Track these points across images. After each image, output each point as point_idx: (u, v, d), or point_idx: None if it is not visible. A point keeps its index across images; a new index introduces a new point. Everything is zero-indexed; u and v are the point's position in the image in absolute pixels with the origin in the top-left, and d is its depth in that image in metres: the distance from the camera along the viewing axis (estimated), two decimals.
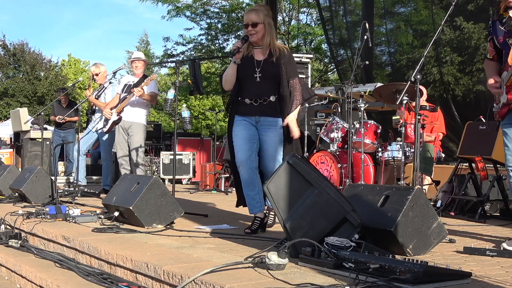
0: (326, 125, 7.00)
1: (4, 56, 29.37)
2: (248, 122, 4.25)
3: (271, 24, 4.26)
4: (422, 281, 2.39)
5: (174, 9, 21.65)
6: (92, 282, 3.34)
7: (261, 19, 4.18)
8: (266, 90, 4.21)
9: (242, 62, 4.21)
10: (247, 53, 4.26)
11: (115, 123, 6.82)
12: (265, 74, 4.20)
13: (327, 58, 22.05)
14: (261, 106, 4.22)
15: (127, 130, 6.83)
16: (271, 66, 4.20)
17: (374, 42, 10.52)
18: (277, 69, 4.19)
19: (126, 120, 6.80)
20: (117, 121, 6.79)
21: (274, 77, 4.21)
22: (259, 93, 4.22)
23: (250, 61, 4.24)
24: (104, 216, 4.77)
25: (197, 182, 10.16)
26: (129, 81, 7.02)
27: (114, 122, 6.80)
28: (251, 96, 4.23)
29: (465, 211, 5.43)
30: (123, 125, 6.83)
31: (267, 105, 4.21)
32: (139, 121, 6.84)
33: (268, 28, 4.22)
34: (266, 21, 4.21)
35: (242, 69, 4.23)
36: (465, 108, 9.29)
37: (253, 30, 4.19)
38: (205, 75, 22.83)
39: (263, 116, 4.23)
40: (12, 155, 12.13)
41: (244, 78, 4.24)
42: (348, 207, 3.11)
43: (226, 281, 2.55)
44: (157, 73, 31.34)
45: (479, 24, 9.03)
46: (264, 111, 4.22)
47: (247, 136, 4.23)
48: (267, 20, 4.21)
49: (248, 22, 4.19)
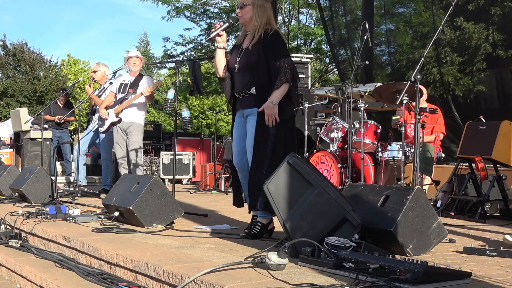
0: (326, 125, 7.00)
1: (4, 56, 29.35)
2: (240, 120, 4.04)
3: (263, 6, 3.88)
4: (422, 281, 2.39)
5: (174, 9, 21.66)
6: (92, 282, 3.34)
7: (250, 0, 3.86)
8: (246, 81, 3.89)
9: (232, 52, 4.01)
10: (239, 41, 4.04)
11: (114, 124, 6.81)
12: (242, 64, 3.89)
13: (327, 58, 22.06)
14: (244, 99, 3.94)
15: (125, 130, 6.82)
16: (247, 54, 3.87)
17: (374, 42, 10.52)
18: (252, 57, 3.83)
19: (125, 120, 6.78)
20: (116, 122, 6.78)
21: (250, 65, 3.85)
22: (241, 85, 3.94)
23: (237, 50, 3.97)
24: (104, 216, 4.77)
25: (197, 182, 10.16)
26: (124, 80, 6.95)
27: (113, 123, 6.79)
28: (236, 89, 3.99)
29: (465, 211, 5.43)
30: (121, 126, 6.81)
31: (249, 98, 3.90)
32: (137, 122, 6.83)
33: (257, 10, 3.86)
34: (257, 3, 3.86)
35: (229, 59, 4.00)
36: (465, 108, 9.30)
37: (240, 12, 3.92)
38: (205, 75, 22.83)
39: (245, 108, 3.95)
40: (12, 155, 12.13)
41: (230, 69, 4.00)
42: (348, 207, 3.11)
43: (226, 281, 2.55)
44: (156, 73, 31.35)
45: (480, 24, 9.04)
46: (246, 104, 3.93)
47: (237, 137, 4.07)
48: (258, 2, 3.87)
49: (239, 4, 3.95)
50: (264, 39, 3.83)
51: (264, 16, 3.88)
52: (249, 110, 3.93)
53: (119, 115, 6.75)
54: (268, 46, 3.81)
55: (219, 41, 4.00)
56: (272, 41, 3.82)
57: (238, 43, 4.07)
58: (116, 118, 6.75)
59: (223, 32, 4.00)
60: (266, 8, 3.91)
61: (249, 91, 3.90)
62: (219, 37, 3.99)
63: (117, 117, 6.75)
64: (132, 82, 6.83)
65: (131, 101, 6.68)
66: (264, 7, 3.90)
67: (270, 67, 3.80)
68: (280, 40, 3.86)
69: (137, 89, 6.78)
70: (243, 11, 3.92)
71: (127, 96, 6.76)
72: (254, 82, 3.86)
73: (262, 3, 3.90)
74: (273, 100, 3.75)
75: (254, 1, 3.88)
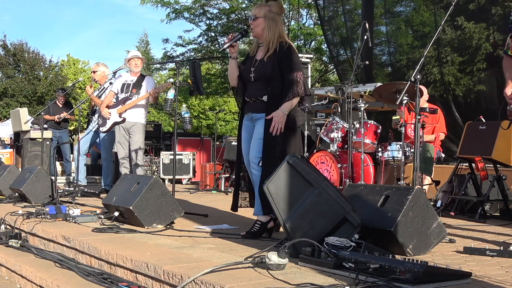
0: (326, 125, 6.99)
1: (4, 56, 29.36)
2: (249, 122, 4.17)
3: (275, 19, 4.03)
4: (422, 281, 2.39)
5: (173, 12, 21.64)
6: (92, 282, 3.34)
7: (262, 13, 4.01)
8: (260, 90, 4.06)
9: (246, 62, 4.14)
10: (253, 52, 4.17)
11: (116, 124, 6.80)
12: (257, 74, 4.05)
13: (327, 58, 22.05)
14: (255, 104, 4.10)
15: (128, 130, 6.82)
16: (263, 65, 4.03)
17: (374, 42, 10.52)
18: (268, 68, 3.99)
19: (128, 120, 6.78)
20: (119, 122, 6.78)
21: (266, 76, 4.02)
22: (254, 93, 4.09)
23: (251, 61, 4.14)
24: (104, 216, 4.77)
25: (197, 182, 10.16)
26: (126, 80, 6.94)
27: (116, 122, 6.79)
28: (248, 95, 4.14)
29: (465, 211, 5.43)
30: (124, 125, 6.81)
31: (260, 104, 4.06)
32: (140, 121, 6.83)
33: (268, 22, 4.01)
34: (269, 15, 4.01)
35: (243, 69, 4.16)
36: (465, 108, 9.29)
37: (253, 24, 4.06)
38: (206, 77, 22.81)
39: (255, 113, 4.10)
40: (12, 155, 12.13)
41: (244, 78, 4.16)
42: (348, 207, 3.11)
43: (226, 281, 2.55)
44: (157, 74, 31.35)
45: (480, 24, 9.03)
46: (257, 109, 4.08)
47: (246, 138, 4.17)
48: (270, 15, 4.01)
49: (252, 16, 4.10)
50: (280, 52, 3.99)
51: (276, 29, 4.03)
52: (258, 115, 4.07)
53: (122, 115, 6.75)
54: (284, 59, 3.98)
55: (232, 51, 4.11)
56: (287, 55, 3.99)
57: (251, 54, 4.19)
58: (119, 118, 6.74)
59: (235, 43, 4.11)
60: (278, 21, 4.06)
61: (261, 98, 4.05)
62: (232, 47, 4.10)
63: (120, 117, 6.75)
64: (135, 83, 6.83)
65: (136, 102, 6.68)
66: (275, 20, 4.04)
67: (284, 79, 3.98)
68: (295, 54, 4.04)
69: (140, 89, 6.79)
70: (255, 23, 4.06)
71: (131, 96, 6.75)
72: (268, 91, 4.02)
73: (274, 16, 4.04)
74: (284, 110, 3.92)
75: (266, 14, 4.02)
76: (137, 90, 6.78)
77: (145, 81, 6.88)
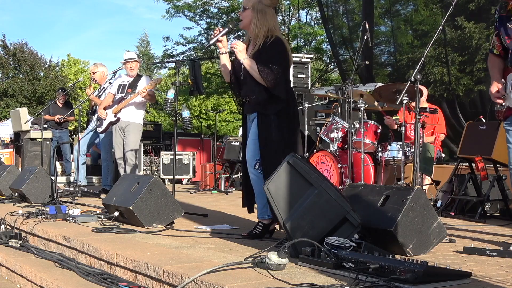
0: (326, 125, 7.00)
1: (4, 56, 29.34)
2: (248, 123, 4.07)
3: (264, 11, 3.78)
4: (422, 281, 2.39)
5: (173, 8, 21.64)
6: (92, 282, 3.34)
7: (250, 4, 3.79)
8: (249, 88, 3.89)
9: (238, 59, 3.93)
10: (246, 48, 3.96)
11: (112, 124, 6.82)
12: (245, 72, 3.86)
13: (327, 58, 22.04)
14: (248, 104, 3.98)
15: (123, 130, 6.82)
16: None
17: (374, 42, 10.52)
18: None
19: (123, 119, 6.79)
20: (114, 122, 6.79)
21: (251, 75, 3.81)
22: (245, 92, 3.96)
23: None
24: (104, 216, 4.77)
25: (197, 182, 10.16)
26: (123, 81, 6.99)
27: (111, 122, 6.80)
28: (243, 95, 4.01)
29: (465, 211, 5.43)
30: (120, 125, 6.82)
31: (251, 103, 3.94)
32: (136, 121, 6.84)
33: (256, 14, 3.77)
34: (258, 7, 3.77)
35: (235, 66, 4.00)
36: (465, 108, 9.29)
37: (241, 16, 3.88)
38: (206, 76, 22.82)
39: (249, 113, 4.00)
40: (12, 155, 12.13)
41: (237, 75, 4.00)
42: (348, 207, 3.11)
43: (226, 281, 2.55)
44: (157, 73, 31.35)
45: (480, 24, 9.03)
46: (250, 110, 3.97)
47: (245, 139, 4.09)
48: (259, 7, 3.77)
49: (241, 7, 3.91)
50: (263, 47, 3.78)
51: (264, 23, 3.80)
52: (252, 115, 3.99)
53: (117, 115, 6.76)
54: (264, 53, 3.77)
55: (220, 46, 3.95)
56: (267, 50, 3.76)
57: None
58: (114, 117, 6.76)
59: (222, 37, 3.93)
60: (267, 14, 3.81)
61: (252, 97, 3.90)
62: (219, 42, 3.92)
63: (115, 117, 6.76)
64: (130, 83, 6.87)
65: (128, 101, 6.71)
66: (264, 13, 3.80)
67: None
68: (276, 48, 3.77)
69: (135, 89, 6.80)
70: (243, 15, 3.88)
71: (126, 96, 6.78)
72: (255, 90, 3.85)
73: (263, 8, 3.79)
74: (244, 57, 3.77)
75: (254, 5, 3.80)
76: (132, 90, 6.80)
77: (140, 81, 6.91)
